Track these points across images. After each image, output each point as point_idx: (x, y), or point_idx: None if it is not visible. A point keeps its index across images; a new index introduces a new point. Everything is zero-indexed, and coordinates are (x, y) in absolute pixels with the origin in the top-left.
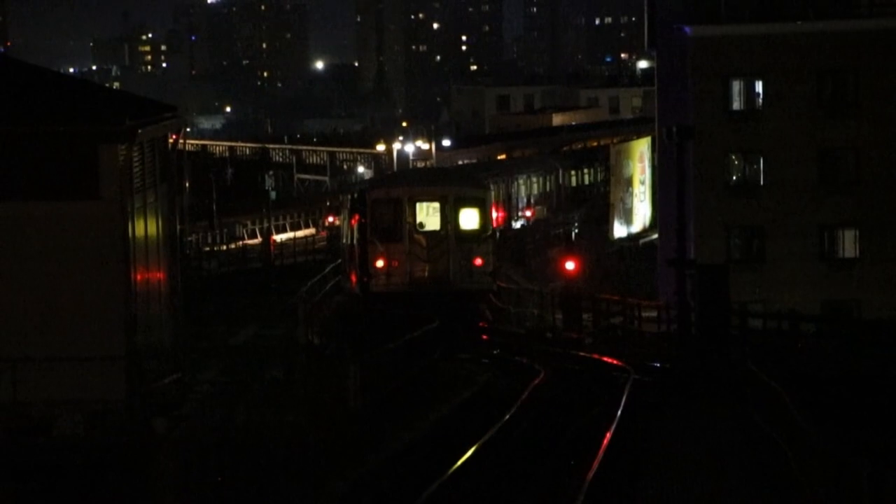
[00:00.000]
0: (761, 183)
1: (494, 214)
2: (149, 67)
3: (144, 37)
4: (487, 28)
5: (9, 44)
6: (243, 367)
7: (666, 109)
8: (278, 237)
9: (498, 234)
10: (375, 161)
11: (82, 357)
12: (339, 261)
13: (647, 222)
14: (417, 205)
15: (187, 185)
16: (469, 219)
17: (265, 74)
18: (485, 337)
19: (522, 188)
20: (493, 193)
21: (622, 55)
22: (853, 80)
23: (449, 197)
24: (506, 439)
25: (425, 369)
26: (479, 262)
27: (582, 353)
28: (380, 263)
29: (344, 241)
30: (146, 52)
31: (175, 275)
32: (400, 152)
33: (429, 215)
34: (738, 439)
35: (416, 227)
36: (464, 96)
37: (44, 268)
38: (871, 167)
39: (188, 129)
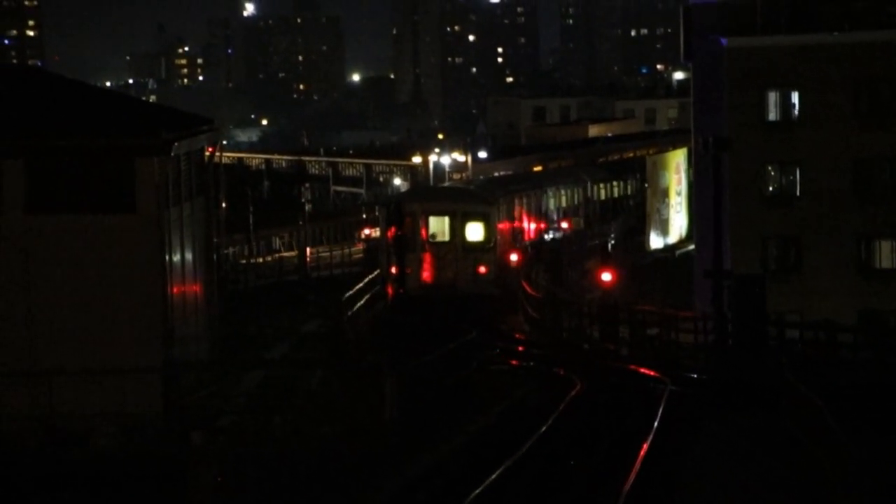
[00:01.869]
0: (797, 193)
1: (533, 225)
2: (185, 81)
3: (181, 50)
4: (523, 40)
5: (56, 58)
6: (280, 379)
7: (702, 120)
8: (315, 249)
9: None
10: (412, 173)
11: (119, 369)
12: (377, 272)
13: (684, 233)
14: (430, 218)
15: (223, 197)
16: (475, 231)
17: (301, 87)
18: (521, 348)
19: (562, 199)
20: (497, 209)
21: (658, 66)
22: (889, 90)
23: (457, 212)
24: (542, 451)
25: (462, 381)
26: (482, 269)
27: (619, 365)
28: (395, 270)
29: (381, 252)
30: (182, 66)
31: (212, 287)
32: (436, 164)
33: (440, 228)
34: (776, 451)
35: (429, 238)
36: (500, 108)
37: (81, 280)
38: None
39: (224, 142)
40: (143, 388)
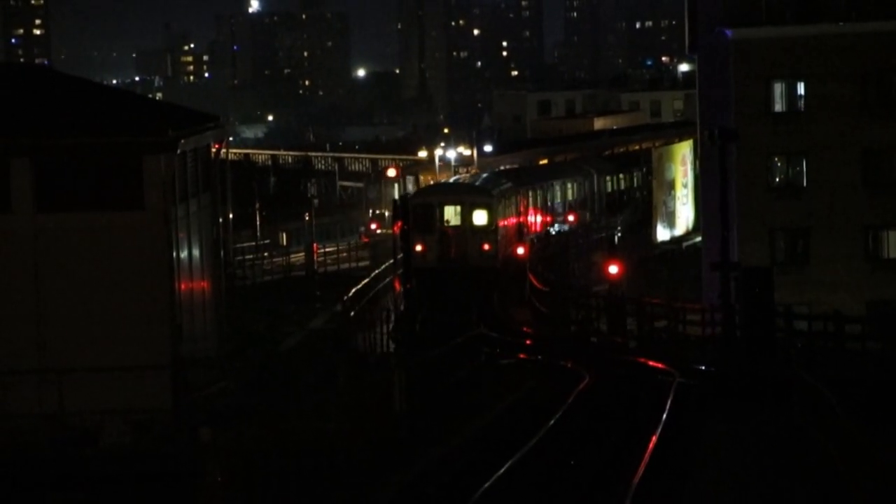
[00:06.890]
0: (804, 184)
1: (540, 219)
2: (191, 78)
3: (187, 47)
4: (528, 33)
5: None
6: (289, 374)
7: (707, 112)
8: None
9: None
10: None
11: (128, 367)
12: (383, 267)
13: (690, 225)
14: (445, 207)
15: (230, 193)
16: (480, 217)
17: (307, 83)
18: (529, 342)
19: (568, 192)
20: (499, 200)
21: (663, 58)
22: None
23: (466, 202)
24: (551, 444)
25: (470, 375)
26: (486, 247)
27: (627, 357)
28: (419, 248)
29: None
30: (188, 63)
31: (219, 283)
32: (442, 158)
33: (453, 215)
34: (785, 443)
35: (444, 223)
36: (505, 101)
37: (89, 277)
38: None
39: (231, 139)
40: (151, 384)
